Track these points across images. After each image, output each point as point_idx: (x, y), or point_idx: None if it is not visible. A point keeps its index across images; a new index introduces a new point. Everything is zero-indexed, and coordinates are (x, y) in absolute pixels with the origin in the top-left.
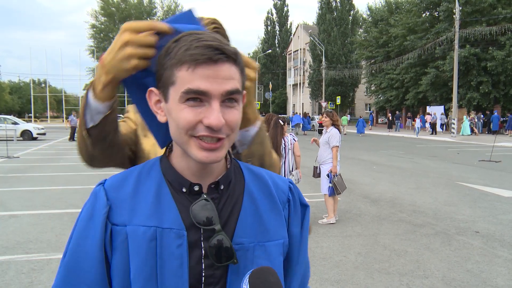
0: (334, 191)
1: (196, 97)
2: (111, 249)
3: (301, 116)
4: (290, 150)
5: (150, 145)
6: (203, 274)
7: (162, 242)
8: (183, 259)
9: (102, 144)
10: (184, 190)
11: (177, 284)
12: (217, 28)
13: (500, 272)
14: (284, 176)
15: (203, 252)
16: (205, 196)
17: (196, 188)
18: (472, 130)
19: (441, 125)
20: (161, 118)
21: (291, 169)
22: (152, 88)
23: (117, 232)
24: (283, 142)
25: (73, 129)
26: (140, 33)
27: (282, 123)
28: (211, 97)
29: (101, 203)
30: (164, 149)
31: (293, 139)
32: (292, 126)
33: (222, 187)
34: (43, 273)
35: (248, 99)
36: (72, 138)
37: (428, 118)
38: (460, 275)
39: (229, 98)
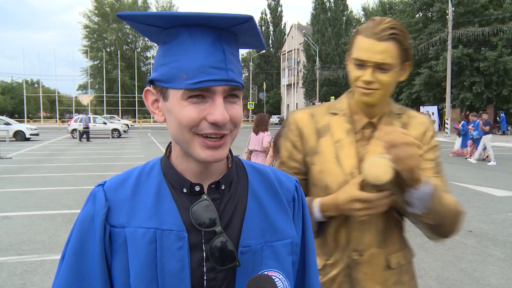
0: None
1: (199, 94)
2: (111, 251)
3: None
4: None
5: (318, 172)
6: (205, 277)
7: (162, 244)
8: (184, 261)
9: None
10: (184, 190)
11: (179, 287)
12: (395, 34)
13: (493, 271)
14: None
15: (204, 254)
16: (205, 196)
17: (197, 188)
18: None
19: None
20: (158, 118)
21: None
22: (149, 88)
23: (116, 234)
24: None
25: (84, 130)
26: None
27: None
28: (215, 93)
29: (100, 204)
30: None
31: None
32: None
33: (223, 187)
34: (36, 275)
35: (415, 164)
36: (87, 138)
37: None
38: (453, 274)
39: (231, 94)
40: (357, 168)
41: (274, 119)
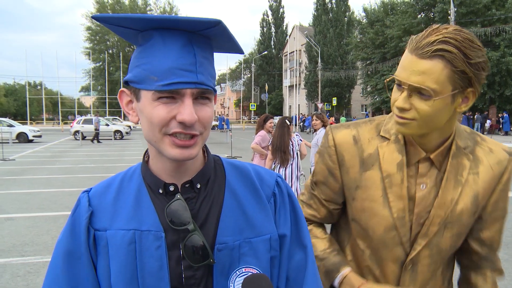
0: None
1: (169, 95)
2: (95, 254)
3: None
4: (298, 151)
5: (360, 210)
6: (183, 275)
7: (141, 244)
8: (162, 260)
9: None
10: (160, 191)
11: (159, 286)
12: (443, 51)
13: None
14: (295, 177)
15: (181, 253)
16: (178, 196)
17: (171, 188)
18: None
19: None
20: (133, 118)
21: (299, 170)
22: (123, 89)
23: (99, 238)
24: (290, 143)
25: (95, 132)
26: None
27: (288, 123)
28: (184, 94)
29: (83, 209)
30: None
31: (300, 139)
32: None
33: (198, 185)
34: (39, 276)
35: None
36: (97, 140)
37: None
38: (455, 273)
39: (201, 96)
40: (408, 212)
41: (276, 120)
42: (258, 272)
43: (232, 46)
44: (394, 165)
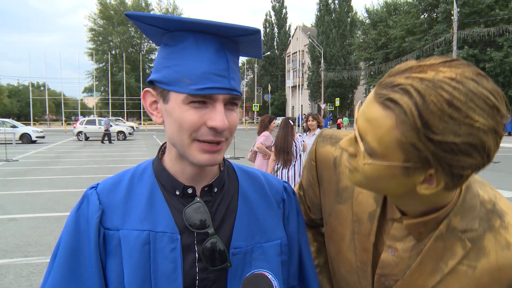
0: None
1: (201, 100)
2: (105, 253)
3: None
4: (301, 151)
5: (329, 239)
6: (197, 277)
7: (156, 246)
8: (177, 262)
9: None
10: (177, 193)
11: None
12: (394, 102)
13: None
14: (298, 178)
15: (196, 255)
16: (198, 199)
17: (190, 191)
18: None
19: None
20: (157, 119)
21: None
22: (149, 89)
23: (110, 237)
24: (293, 143)
25: (105, 132)
26: None
27: (292, 123)
28: (216, 100)
29: (94, 207)
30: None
31: (303, 140)
32: None
33: (215, 189)
34: (42, 277)
35: None
36: (109, 140)
37: None
38: None
39: (230, 102)
40: (370, 266)
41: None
42: (270, 275)
43: (257, 52)
44: (365, 213)
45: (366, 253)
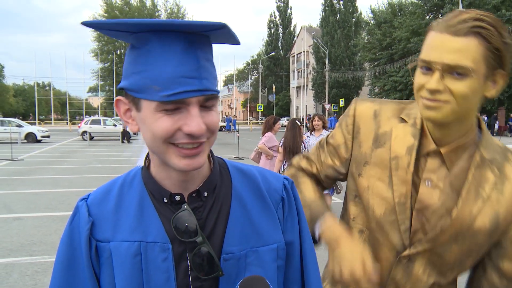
0: (334, 190)
1: (174, 106)
2: (98, 265)
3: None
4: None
5: (364, 188)
6: (191, 286)
7: (147, 256)
8: (169, 272)
9: None
10: (165, 200)
11: None
12: (479, 28)
13: None
14: None
15: (189, 264)
16: (186, 206)
17: (178, 198)
18: None
19: None
20: (132, 127)
21: None
22: (120, 97)
23: (102, 249)
24: (302, 144)
25: (124, 131)
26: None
27: (299, 124)
28: (189, 104)
29: (83, 219)
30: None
31: (309, 140)
32: None
33: (205, 194)
34: (47, 275)
35: None
36: (128, 140)
37: None
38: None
39: (207, 101)
40: (410, 198)
41: (284, 121)
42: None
43: (232, 41)
44: (404, 148)
45: (405, 186)
